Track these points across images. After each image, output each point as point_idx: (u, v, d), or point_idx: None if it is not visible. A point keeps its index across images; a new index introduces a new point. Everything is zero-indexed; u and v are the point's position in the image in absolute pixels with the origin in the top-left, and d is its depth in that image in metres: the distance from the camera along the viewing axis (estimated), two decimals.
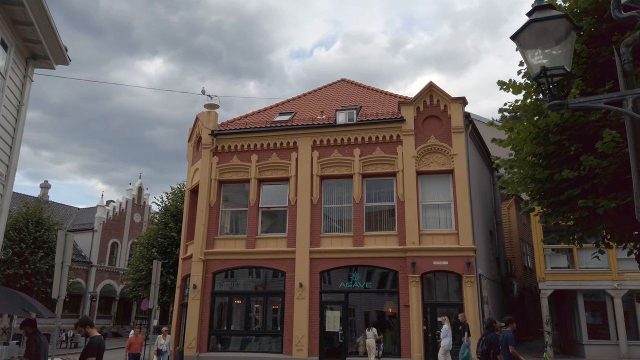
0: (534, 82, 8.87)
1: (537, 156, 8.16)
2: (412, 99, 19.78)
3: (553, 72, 3.95)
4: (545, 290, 19.66)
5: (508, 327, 9.72)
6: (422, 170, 18.95)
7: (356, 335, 18.43)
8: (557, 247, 20.78)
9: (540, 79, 3.99)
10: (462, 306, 17.47)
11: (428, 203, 18.88)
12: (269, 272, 19.80)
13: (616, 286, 18.87)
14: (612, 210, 7.04)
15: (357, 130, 19.83)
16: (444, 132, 19.16)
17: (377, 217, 19.35)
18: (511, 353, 9.21)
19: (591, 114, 7.41)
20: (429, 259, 17.90)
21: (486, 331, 9.20)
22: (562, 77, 4.12)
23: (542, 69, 4.01)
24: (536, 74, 4.03)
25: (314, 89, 25.43)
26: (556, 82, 8.58)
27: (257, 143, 20.76)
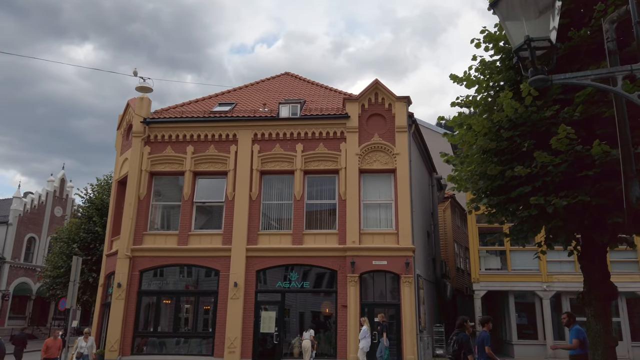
0: (487, 78, 8.73)
1: (488, 152, 7.93)
2: (357, 95, 19.46)
3: (537, 43, 3.53)
4: (479, 290, 20.00)
5: (484, 327, 9.61)
6: (364, 169, 18.66)
7: (292, 337, 17.80)
8: (491, 249, 21.25)
9: (522, 51, 3.55)
10: (399, 306, 17.33)
11: (369, 202, 18.61)
12: (202, 271, 18.72)
13: (545, 288, 19.53)
14: (561, 209, 6.88)
15: (301, 125, 19.23)
16: (387, 130, 18.98)
17: (317, 215, 18.83)
18: (487, 353, 9.12)
19: (545, 110, 7.24)
20: (368, 259, 17.62)
21: (457, 331, 9.07)
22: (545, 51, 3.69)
23: (527, 39, 3.58)
24: (518, 46, 3.60)
25: (256, 81, 24.55)
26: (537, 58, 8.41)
27: (193, 133, 19.60)
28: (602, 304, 7.91)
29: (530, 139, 7.27)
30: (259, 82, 24.55)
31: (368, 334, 15.15)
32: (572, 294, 19.70)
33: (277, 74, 25.44)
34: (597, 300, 7.92)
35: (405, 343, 16.87)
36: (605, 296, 7.89)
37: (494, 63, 8.57)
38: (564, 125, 6.37)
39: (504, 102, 7.08)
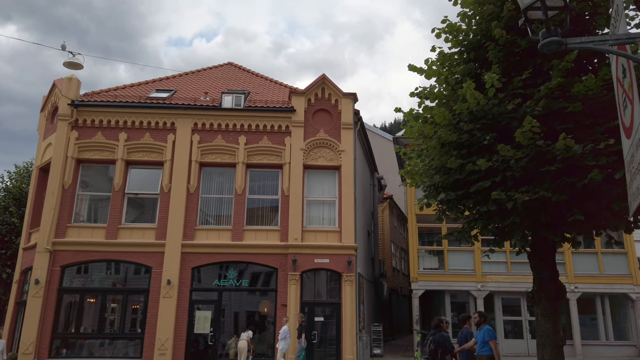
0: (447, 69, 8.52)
1: (447, 145, 7.70)
2: (303, 89, 18.96)
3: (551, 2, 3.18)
4: (417, 290, 20.16)
5: (465, 325, 9.62)
6: (309, 165, 18.21)
7: (227, 337, 16.99)
8: (430, 249, 21.52)
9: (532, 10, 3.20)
10: (340, 305, 17.03)
11: (313, 199, 18.18)
12: (132, 267, 17.44)
13: (479, 287, 20.01)
14: (520, 205, 6.75)
15: (244, 117, 18.44)
16: (333, 127, 18.65)
17: (259, 210, 18.14)
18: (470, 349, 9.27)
19: (506, 103, 7.09)
20: (310, 257, 17.18)
21: (434, 331, 9.07)
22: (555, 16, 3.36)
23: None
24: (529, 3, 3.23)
25: (197, 69, 23.39)
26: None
27: (127, 120, 18.24)
28: (552, 303, 7.89)
29: (490, 132, 7.10)
30: (200, 70, 23.42)
31: (288, 334, 14.56)
32: (504, 293, 20.35)
33: (219, 64, 24.40)
34: (547, 299, 7.89)
35: (345, 343, 16.59)
36: (554, 295, 7.88)
37: (453, 55, 8.38)
38: (529, 117, 6.22)
39: (467, 93, 6.85)
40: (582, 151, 6.18)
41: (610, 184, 6.36)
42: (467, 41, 8.01)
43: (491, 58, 7.42)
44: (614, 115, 6.70)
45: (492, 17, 7.56)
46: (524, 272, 20.33)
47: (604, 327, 20.19)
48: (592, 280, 19.53)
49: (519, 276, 20.23)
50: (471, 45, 7.98)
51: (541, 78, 7.37)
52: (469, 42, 8.00)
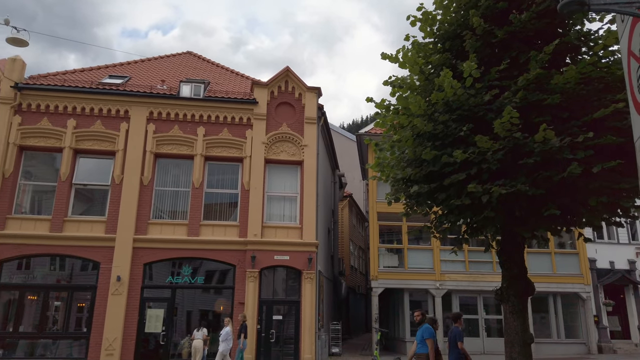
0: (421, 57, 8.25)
1: (421, 136, 7.42)
2: (266, 81, 18.39)
3: None
4: (377, 288, 19.99)
5: (456, 323, 9.54)
6: (271, 159, 17.67)
7: (181, 337, 16.22)
8: (390, 247, 21.42)
9: None
10: (299, 303, 16.61)
11: (274, 194, 17.66)
12: (78, 263, 16.35)
13: (438, 286, 20.07)
14: (495, 199, 6.54)
15: (204, 107, 17.68)
16: (296, 121, 18.19)
17: (217, 205, 17.43)
18: (460, 349, 9.27)
19: (484, 94, 6.88)
20: (270, 253, 16.66)
21: None
22: None
23: None
24: None
25: (154, 57, 22.33)
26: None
27: (77, 106, 17.10)
28: (520, 300, 7.78)
29: (467, 124, 6.86)
30: (157, 58, 22.38)
31: (230, 336, 13.75)
32: (461, 292, 20.50)
33: (178, 52, 23.42)
34: (516, 296, 7.79)
35: (303, 341, 16.18)
36: (523, 292, 7.78)
37: (428, 45, 8.12)
38: (509, 108, 6.00)
39: (445, 81, 6.58)
40: (559, 144, 6.01)
41: (587, 179, 6.24)
42: (443, 30, 7.76)
43: (468, 48, 7.19)
44: (591, 109, 6.64)
45: (469, 5, 7.33)
46: (482, 271, 20.60)
47: (556, 326, 20.70)
48: (546, 280, 19.95)
49: (477, 275, 20.46)
50: (447, 34, 7.74)
51: (517, 70, 7.21)
52: (445, 31, 7.75)
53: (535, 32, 7.12)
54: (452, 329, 9.58)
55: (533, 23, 6.91)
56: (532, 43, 7.20)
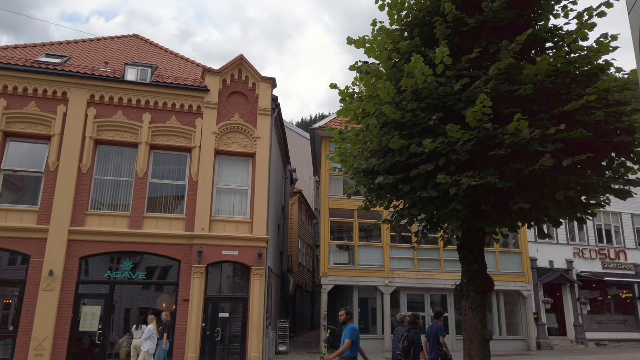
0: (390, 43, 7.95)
1: (388, 125, 7.11)
2: (219, 69, 17.63)
3: None
4: (326, 285, 19.71)
5: (437, 320, 9.58)
6: (221, 150, 16.95)
7: (119, 336, 15.22)
8: (341, 244, 21.21)
9: None
10: (247, 300, 16.02)
11: (224, 187, 16.95)
12: (5, 256, 14.95)
13: (387, 283, 20.05)
14: (463, 192, 6.33)
15: (151, 93, 16.69)
16: (249, 112, 17.56)
17: (163, 197, 16.50)
18: (442, 344, 9.25)
19: (455, 83, 6.66)
20: (218, 248, 15.97)
21: (409, 327, 8.94)
22: None
23: None
24: None
25: (97, 38, 20.93)
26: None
27: (8, 85, 15.65)
28: (480, 296, 7.64)
29: (436, 113, 6.62)
30: (101, 39, 21.00)
31: (154, 334, 12.92)
32: (409, 289, 20.60)
33: (124, 35, 22.09)
34: (476, 292, 7.63)
35: (251, 340, 15.62)
36: (483, 288, 7.64)
37: (396, 32, 7.83)
38: (483, 95, 5.78)
39: (417, 67, 6.30)
40: (530, 136, 5.87)
41: (555, 173, 6.14)
42: (413, 16, 7.49)
43: (439, 35, 6.95)
44: (559, 103, 6.58)
45: None
46: (430, 269, 20.80)
47: (498, 323, 21.25)
48: None
49: (425, 273, 20.64)
50: (417, 21, 7.48)
51: (487, 61, 7.05)
52: (414, 17, 7.48)
53: (506, 23, 6.99)
54: (433, 325, 9.68)
55: (504, 13, 6.77)
56: (502, 34, 7.07)
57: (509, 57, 6.32)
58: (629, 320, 23.79)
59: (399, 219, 8.37)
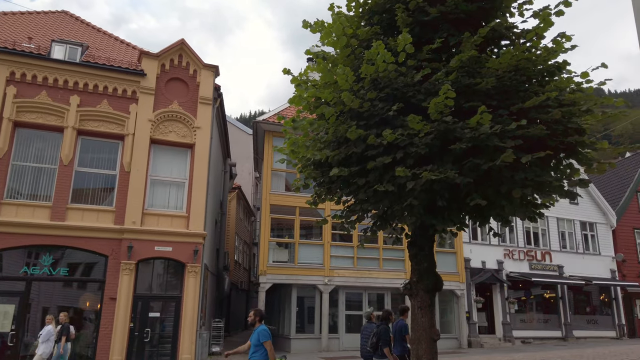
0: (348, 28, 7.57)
1: (344, 114, 6.72)
2: (157, 52, 16.56)
3: None
4: (265, 283, 19.11)
5: (402, 316, 9.56)
6: (157, 139, 15.93)
7: (34, 337, 13.82)
8: (281, 241, 20.69)
9: None
10: (180, 299, 15.15)
11: (159, 178, 15.94)
12: None
13: (326, 282, 19.78)
14: (420, 186, 6.07)
15: (80, 73, 15.37)
16: (189, 100, 16.64)
17: (90, 186, 15.23)
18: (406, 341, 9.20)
19: (415, 73, 6.39)
20: (150, 244, 14.97)
21: (380, 323, 8.92)
22: None
23: None
24: None
25: (20, 11, 19.07)
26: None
27: None
28: (429, 295, 7.46)
29: (395, 103, 6.32)
30: (25, 13, 19.16)
31: (52, 336, 11.76)
32: (348, 288, 20.46)
33: (51, 10, 20.30)
34: (425, 291, 7.44)
35: (183, 341, 14.78)
36: (433, 287, 7.47)
37: (354, 18, 7.47)
38: (447, 85, 5.53)
39: (378, 52, 5.96)
40: (491, 131, 5.70)
41: (513, 170, 6.02)
42: (372, 2, 7.16)
43: (400, 23, 6.66)
44: (518, 99, 6.49)
45: None
46: (369, 268, 20.78)
47: None
48: None
49: (364, 271, 20.59)
50: (376, 7, 7.16)
51: (446, 53, 6.86)
52: (374, 3, 7.15)
53: (467, 16, 6.83)
54: (398, 321, 9.61)
55: (466, 5, 6.60)
56: (462, 27, 6.90)
57: (471, 49, 6.14)
58: (551, 319, 25.08)
59: (349, 214, 8.03)
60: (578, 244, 26.63)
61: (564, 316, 25.04)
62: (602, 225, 27.61)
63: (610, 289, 26.91)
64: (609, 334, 26.06)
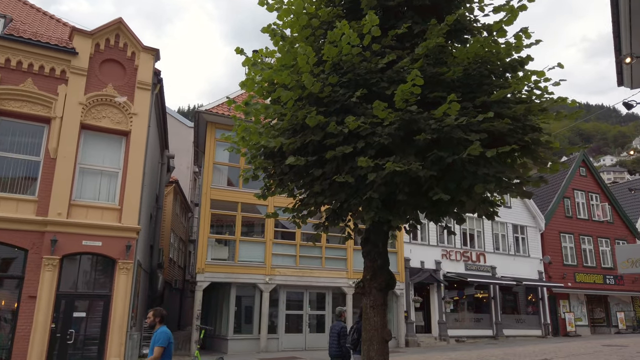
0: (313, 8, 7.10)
1: (303, 99, 6.26)
2: (92, 31, 15.29)
3: None
4: (202, 282, 18.22)
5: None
6: (89, 124, 14.69)
7: None
8: (221, 238, 19.86)
9: None
10: (109, 298, 14.05)
11: (89, 166, 14.70)
12: None
13: (267, 280, 19.19)
14: (382, 179, 5.74)
15: (1, 47, 13.85)
16: (126, 84, 15.49)
17: (9, 173, 13.76)
18: None
19: (379, 58, 6.05)
20: (77, 237, 13.75)
21: (358, 319, 8.79)
22: None
23: None
24: None
25: None
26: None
27: None
28: (382, 294, 7.17)
29: (358, 89, 5.95)
30: None
31: None
32: (289, 287, 19.99)
33: None
34: (378, 289, 7.14)
35: (111, 342, 13.69)
36: (386, 285, 7.18)
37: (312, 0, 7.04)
38: (416, 71, 5.22)
39: (343, 32, 5.56)
40: (456, 123, 5.46)
41: (476, 165, 5.82)
42: None
43: (363, 5, 6.30)
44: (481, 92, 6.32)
45: None
46: (311, 266, 20.42)
47: None
48: None
49: (306, 270, 20.20)
50: None
51: (410, 42, 6.58)
52: None
53: (431, 4, 6.59)
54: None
55: None
56: (426, 15, 6.66)
57: (437, 36, 5.88)
58: (484, 319, 25.92)
59: (301, 208, 7.58)
60: (510, 246, 27.74)
61: (495, 315, 25.95)
62: (531, 229, 28.95)
63: (538, 289, 28.25)
64: (535, 332, 27.34)
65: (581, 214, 31.61)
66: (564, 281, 28.90)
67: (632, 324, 31.85)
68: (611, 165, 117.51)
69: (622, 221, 32.99)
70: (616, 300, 32.09)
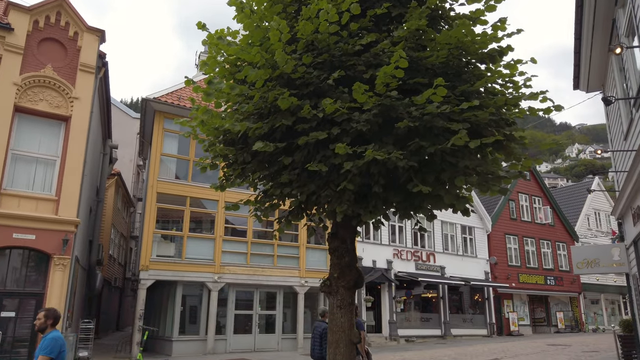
0: None
1: (274, 80, 5.71)
2: (30, 6, 13.98)
3: None
4: (146, 280, 17.13)
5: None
6: (24, 107, 13.42)
7: None
8: (168, 234, 18.81)
9: None
10: (42, 297, 12.87)
11: (22, 153, 13.42)
12: None
13: (216, 279, 18.36)
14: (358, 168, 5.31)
15: None
16: (67, 65, 14.30)
17: None
18: None
19: (358, 39, 5.62)
20: (7, 229, 12.52)
21: None
22: None
23: None
24: None
25: None
26: None
27: None
28: (350, 293, 6.75)
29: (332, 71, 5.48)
30: None
31: None
32: (239, 286, 19.27)
33: None
34: (346, 288, 6.71)
35: None
36: (354, 284, 6.77)
37: None
38: (400, 52, 4.82)
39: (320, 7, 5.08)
40: (439, 111, 5.11)
41: (457, 157, 5.50)
42: None
43: None
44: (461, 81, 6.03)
45: None
46: (262, 265, 19.79)
47: None
48: (321, 275, 20.29)
49: (257, 269, 19.55)
50: None
51: (386, 25, 6.20)
52: None
53: None
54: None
55: None
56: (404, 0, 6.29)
57: (419, 18, 5.51)
58: (433, 318, 26.21)
59: (265, 200, 7.03)
60: (458, 246, 28.26)
61: (443, 315, 26.31)
62: (479, 230, 29.65)
63: (484, 289, 28.96)
64: (481, 332, 27.99)
65: (525, 217, 32.77)
66: (509, 281, 29.80)
67: (570, 323, 33.38)
68: (546, 171, 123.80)
69: (562, 224, 34.51)
70: (556, 300, 33.52)
